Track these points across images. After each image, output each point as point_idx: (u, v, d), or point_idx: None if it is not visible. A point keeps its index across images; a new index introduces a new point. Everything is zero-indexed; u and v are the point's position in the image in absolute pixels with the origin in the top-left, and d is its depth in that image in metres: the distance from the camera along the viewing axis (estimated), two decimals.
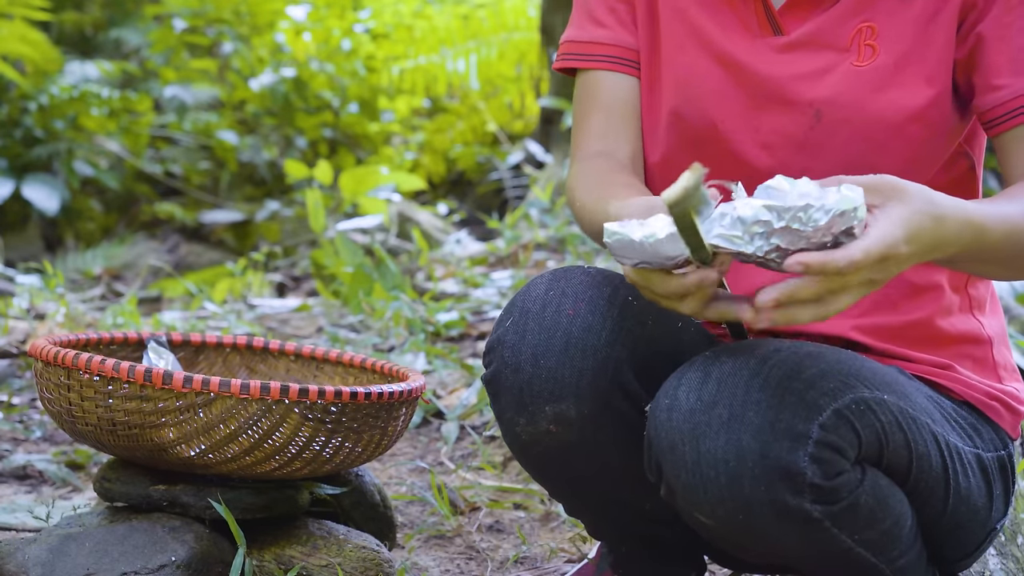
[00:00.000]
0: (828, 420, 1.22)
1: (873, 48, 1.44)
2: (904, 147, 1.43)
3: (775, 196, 1.13)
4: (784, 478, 1.21)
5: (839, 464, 1.23)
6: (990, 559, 1.74)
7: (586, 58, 1.57)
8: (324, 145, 6.66)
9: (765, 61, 1.47)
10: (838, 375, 1.26)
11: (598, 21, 1.57)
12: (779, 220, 1.11)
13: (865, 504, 1.27)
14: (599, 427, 1.37)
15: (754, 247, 1.13)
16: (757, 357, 1.26)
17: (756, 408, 1.22)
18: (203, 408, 1.63)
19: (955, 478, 1.37)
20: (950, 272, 1.51)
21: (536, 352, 1.35)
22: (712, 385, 1.24)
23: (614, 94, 1.55)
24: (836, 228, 1.12)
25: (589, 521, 1.59)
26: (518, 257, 4.17)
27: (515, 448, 1.42)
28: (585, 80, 1.58)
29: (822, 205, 1.11)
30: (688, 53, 1.51)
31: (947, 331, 1.50)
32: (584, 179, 1.51)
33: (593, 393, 1.35)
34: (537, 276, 1.43)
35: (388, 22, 6.80)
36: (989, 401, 1.48)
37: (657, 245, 1.14)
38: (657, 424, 1.27)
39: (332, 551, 1.78)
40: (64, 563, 1.66)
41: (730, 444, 1.21)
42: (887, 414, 1.28)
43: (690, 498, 1.26)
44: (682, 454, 1.24)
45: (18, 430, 2.68)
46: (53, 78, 6.29)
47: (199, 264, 5.85)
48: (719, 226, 1.13)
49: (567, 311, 1.36)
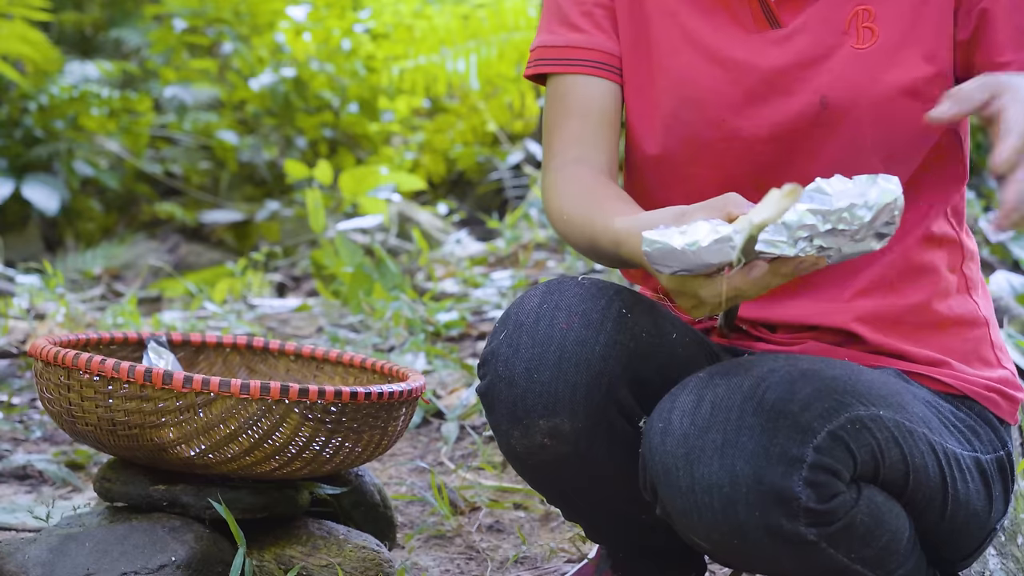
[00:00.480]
0: (823, 443, 1.22)
1: (872, 31, 1.44)
2: (909, 125, 1.43)
3: (818, 200, 1.13)
4: (778, 503, 1.20)
5: (834, 486, 1.23)
6: (990, 559, 1.74)
7: (561, 63, 1.53)
8: (324, 145, 6.65)
9: (764, 55, 1.46)
10: (833, 394, 1.26)
11: (573, 25, 1.53)
12: (824, 223, 1.13)
13: (861, 523, 1.27)
14: (593, 441, 1.36)
15: (797, 249, 1.14)
16: (751, 379, 1.25)
17: (750, 433, 1.21)
18: (203, 408, 1.63)
19: (953, 485, 1.37)
20: (947, 253, 1.50)
21: (530, 366, 1.34)
22: (706, 409, 1.24)
23: (591, 99, 1.51)
24: (879, 221, 1.13)
25: (587, 527, 1.59)
26: (518, 257, 4.17)
27: (511, 459, 1.42)
28: (559, 85, 1.53)
29: (865, 202, 1.12)
30: (683, 56, 1.49)
31: (945, 314, 1.50)
32: (566, 188, 1.48)
33: (587, 407, 1.34)
34: (530, 288, 1.42)
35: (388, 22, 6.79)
36: (987, 393, 1.48)
37: (700, 253, 1.14)
38: (651, 448, 1.27)
39: (332, 551, 1.78)
40: (64, 563, 1.66)
41: (724, 470, 1.21)
42: (883, 430, 1.28)
43: (685, 522, 1.26)
44: (676, 479, 1.24)
45: (18, 430, 2.68)
46: (53, 78, 6.28)
47: (199, 264, 5.84)
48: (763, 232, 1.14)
49: (560, 325, 1.35)
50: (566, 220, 1.46)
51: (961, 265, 1.53)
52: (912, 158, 1.47)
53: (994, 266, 3.56)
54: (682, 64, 1.49)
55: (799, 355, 1.38)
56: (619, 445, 1.37)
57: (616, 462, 1.38)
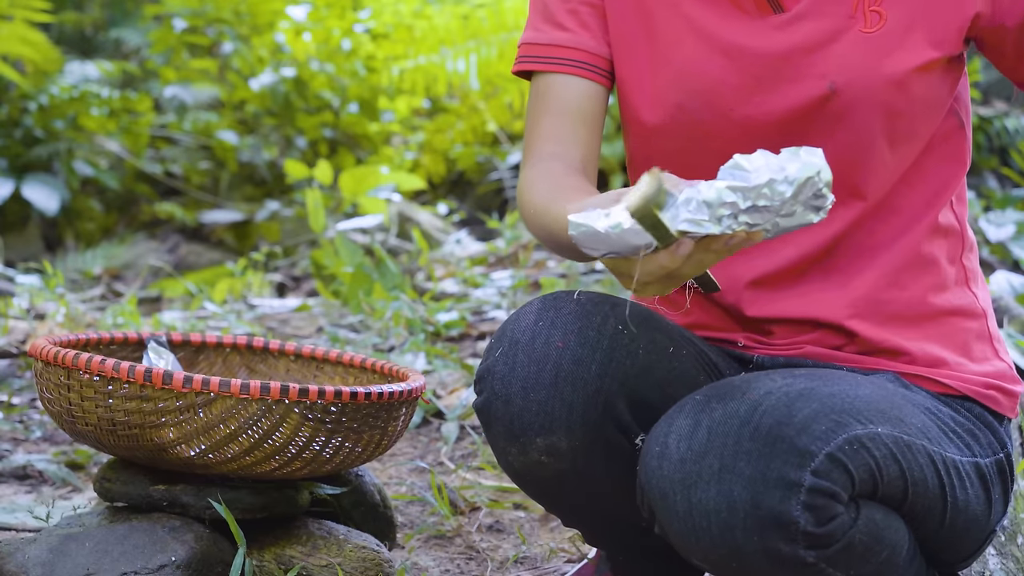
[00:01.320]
0: (820, 466, 1.21)
1: (879, 14, 1.42)
2: (918, 108, 1.43)
3: (737, 176, 1.11)
4: (777, 527, 1.20)
5: (832, 509, 1.22)
6: (990, 559, 1.74)
7: (543, 60, 1.52)
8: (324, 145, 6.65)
9: (769, 40, 1.45)
10: (830, 414, 1.25)
11: (558, 24, 1.52)
12: (745, 200, 1.10)
13: (860, 542, 1.26)
14: (591, 458, 1.36)
15: (723, 227, 1.11)
16: (748, 403, 1.24)
17: (747, 458, 1.20)
18: (203, 408, 1.63)
19: (952, 493, 1.37)
20: (949, 243, 1.50)
21: (526, 385, 1.34)
22: (702, 434, 1.23)
23: (569, 98, 1.50)
24: (803, 195, 1.11)
25: (586, 534, 1.59)
26: (518, 257, 4.17)
27: (509, 474, 1.42)
28: (540, 83, 1.53)
29: (784, 177, 1.10)
30: (687, 46, 1.48)
31: (943, 306, 1.49)
32: (536, 182, 1.47)
33: (584, 426, 1.34)
34: (526, 304, 1.41)
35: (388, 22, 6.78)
36: (986, 391, 1.48)
37: (624, 235, 1.12)
38: (648, 472, 1.27)
39: (332, 551, 1.78)
40: (64, 563, 1.66)
41: (721, 495, 1.20)
42: (881, 448, 1.27)
43: (683, 544, 1.25)
44: (673, 503, 1.24)
45: (18, 430, 2.68)
46: (53, 78, 6.28)
47: (199, 264, 5.84)
48: (685, 211, 1.11)
49: (556, 343, 1.34)
50: (532, 212, 1.45)
51: (960, 256, 1.52)
52: (917, 139, 1.46)
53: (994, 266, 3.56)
54: (686, 56, 1.48)
55: (796, 371, 1.37)
56: (616, 462, 1.37)
57: (614, 478, 1.38)
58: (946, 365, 1.48)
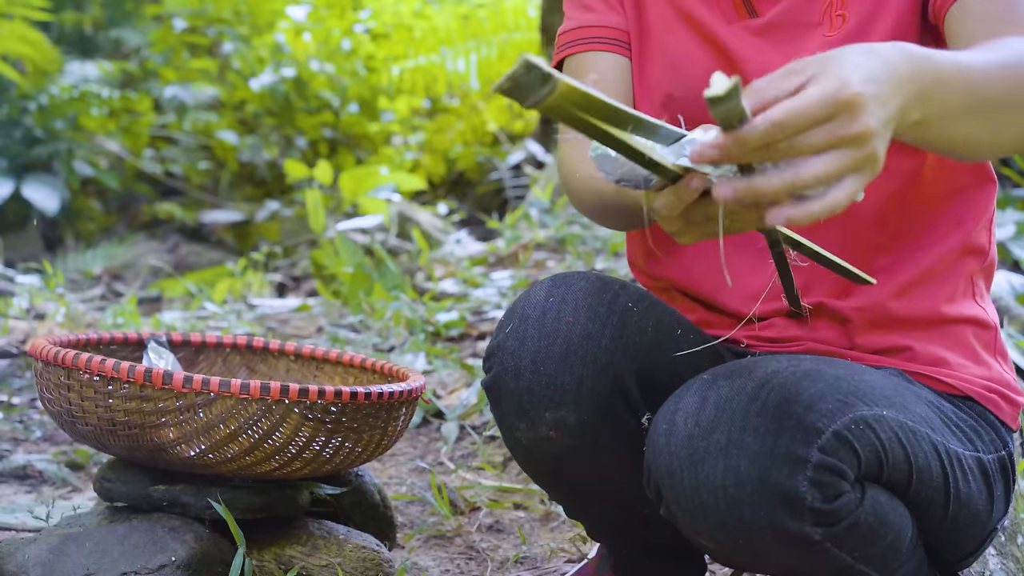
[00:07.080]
0: (827, 443, 1.21)
1: (844, 17, 1.45)
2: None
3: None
4: (784, 503, 1.20)
5: (839, 486, 1.23)
6: (990, 559, 1.74)
7: (574, 43, 1.58)
8: (324, 145, 6.66)
9: (744, 44, 1.48)
10: (837, 394, 1.26)
11: (587, 7, 1.59)
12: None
13: (865, 523, 1.27)
14: (599, 434, 1.37)
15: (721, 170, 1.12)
16: (755, 381, 1.25)
17: (754, 434, 1.21)
18: (203, 408, 1.63)
19: (955, 485, 1.37)
20: (975, 262, 1.50)
21: (536, 359, 1.35)
22: (710, 410, 1.24)
23: (600, 72, 1.55)
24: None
25: (589, 524, 1.59)
26: (518, 257, 4.17)
27: (516, 452, 1.43)
28: (572, 64, 1.58)
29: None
30: (677, 35, 1.52)
31: (953, 316, 1.50)
32: (577, 151, 1.51)
33: (593, 400, 1.35)
34: (537, 282, 1.42)
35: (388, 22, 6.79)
36: (988, 395, 1.48)
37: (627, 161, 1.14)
38: (655, 449, 1.27)
39: (332, 551, 1.78)
40: (64, 563, 1.66)
41: (728, 470, 1.21)
42: (887, 430, 1.28)
43: (690, 523, 1.26)
44: (680, 480, 1.24)
45: (18, 430, 2.68)
46: (53, 78, 6.29)
47: (199, 264, 5.85)
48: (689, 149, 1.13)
49: (567, 318, 1.35)
50: (578, 177, 1.48)
51: (978, 274, 1.53)
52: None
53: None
54: (676, 43, 1.52)
55: (802, 355, 1.38)
56: (624, 439, 1.37)
57: (620, 456, 1.38)
58: (948, 365, 1.48)
